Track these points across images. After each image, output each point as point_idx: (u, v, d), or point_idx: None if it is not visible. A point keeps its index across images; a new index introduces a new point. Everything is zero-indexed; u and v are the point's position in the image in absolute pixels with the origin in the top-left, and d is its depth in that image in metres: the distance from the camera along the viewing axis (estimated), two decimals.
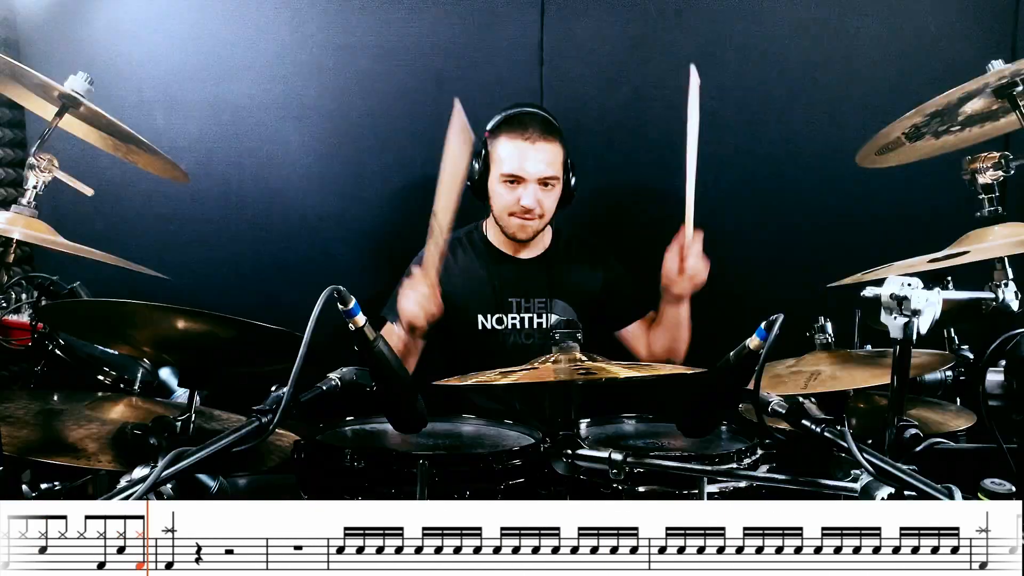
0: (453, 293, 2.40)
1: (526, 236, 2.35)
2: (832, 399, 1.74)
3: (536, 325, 2.40)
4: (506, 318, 2.40)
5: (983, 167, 1.75)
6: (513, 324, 2.40)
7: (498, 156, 2.30)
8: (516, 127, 2.28)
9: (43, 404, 1.73)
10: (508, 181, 2.29)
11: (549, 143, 2.28)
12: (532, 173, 2.26)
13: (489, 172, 2.32)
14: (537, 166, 2.26)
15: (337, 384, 1.49)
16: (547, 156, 2.27)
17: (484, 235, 2.48)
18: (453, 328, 2.42)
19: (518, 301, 2.41)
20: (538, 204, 2.28)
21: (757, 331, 1.33)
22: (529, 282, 2.42)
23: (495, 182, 2.32)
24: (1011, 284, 1.69)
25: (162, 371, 1.98)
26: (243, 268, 2.72)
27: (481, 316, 2.40)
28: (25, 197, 1.72)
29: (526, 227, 2.32)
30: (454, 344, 2.45)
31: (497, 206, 2.34)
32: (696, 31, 2.70)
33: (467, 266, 2.44)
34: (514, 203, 2.29)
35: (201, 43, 2.63)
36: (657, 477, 1.55)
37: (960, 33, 2.68)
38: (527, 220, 2.31)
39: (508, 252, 2.44)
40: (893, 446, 1.40)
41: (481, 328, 2.39)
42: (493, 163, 2.31)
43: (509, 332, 2.40)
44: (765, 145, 2.74)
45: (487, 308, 2.40)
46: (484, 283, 2.41)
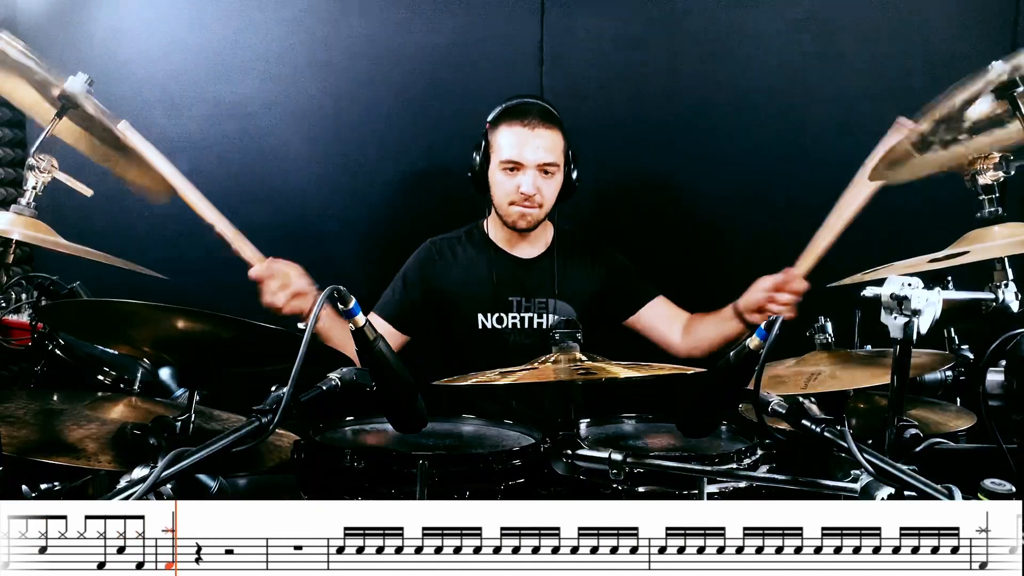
0: (453, 291, 2.40)
1: (527, 224, 2.34)
2: (832, 399, 1.74)
3: (536, 325, 2.39)
4: (506, 317, 2.39)
5: (983, 167, 1.74)
6: (513, 323, 2.40)
7: (498, 144, 2.30)
8: (516, 115, 2.29)
9: (43, 404, 1.72)
10: (508, 168, 2.29)
11: (549, 130, 2.28)
12: (531, 159, 2.26)
13: (489, 162, 2.33)
14: (536, 152, 2.26)
15: (337, 384, 1.48)
16: (547, 143, 2.27)
17: (484, 232, 2.47)
18: (453, 327, 2.42)
19: (518, 300, 2.40)
20: (538, 191, 2.28)
21: (757, 331, 1.33)
22: (530, 281, 2.42)
23: (495, 171, 2.32)
24: (1011, 284, 1.68)
25: (162, 371, 1.98)
26: (243, 268, 2.71)
27: (481, 315, 2.39)
28: (25, 197, 1.72)
29: (526, 215, 2.31)
30: (453, 343, 2.45)
31: (497, 195, 2.33)
32: (696, 31, 2.70)
33: (467, 264, 2.43)
34: (514, 191, 2.29)
35: (201, 43, 2.63)
36: (657, 477, 1.55)
37: (960, 33, 2.68)
38: (527, 208, 2.30)
39: (509, 250, 2.43)
40: (893, 446, 1.40)
41: (481, 327, 2.39)
42: (493, 152, 2.31)
43: (509, 331, 2.39)
44: (765, 144, 2.74)
45: (487, 307, 2.39)
46: (484, 281, 2.40)
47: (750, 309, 2.18)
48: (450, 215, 2.66)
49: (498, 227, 2.41)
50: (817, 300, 1.93)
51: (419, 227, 2.72)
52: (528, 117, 2.28)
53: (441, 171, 2.71)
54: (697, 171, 2.76)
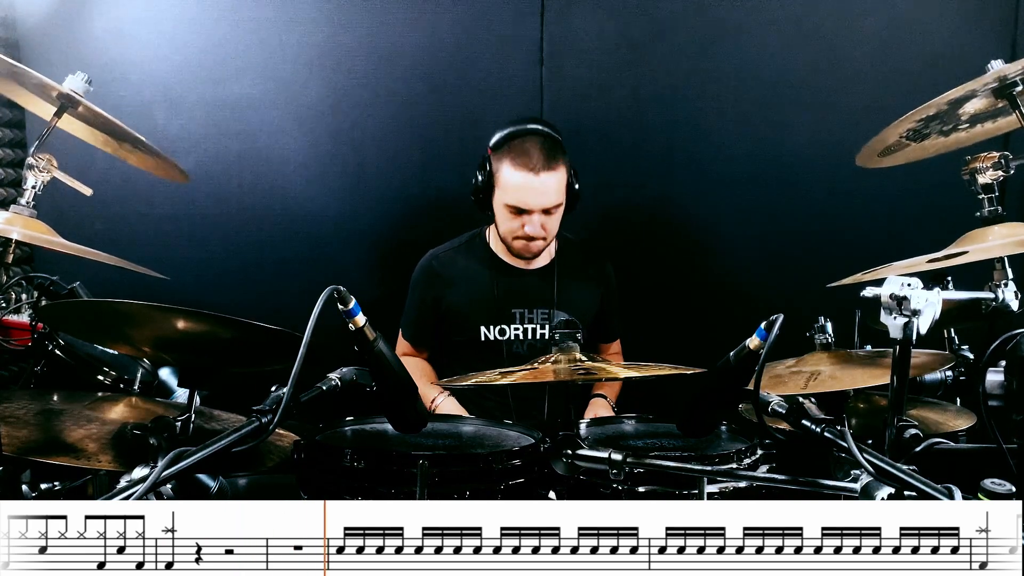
0: (457, 306, 2.39)
1: (531, 255, 2.35)
2: (832, 399, 1.74)
3: (538, 336, 2.39)
4: (508, 329, 2.38)
5: (983, 167, 1.74)
6: (516, 335, 2.39)
7: (503, 182, 2.26)
8: (520, 155, 2.22)
9: (43, 404, 1.72)
10: (512, 210, 2.27)
11: (554, 171, 2.23)
12: (537, 205, 2.24)
13: (492, 190, 2.29)
14: (541, 199, 2.23)
15: (337, 384, 1.49)
16: (552, 185, 2.24)
17: (487, 243, 2.45)
18: (454, 338, 2.41)
19: (521, 312, 2.39)
20: (542, 228, 2.27)
21: (757, 331, 1.33)
22: (532, 293, 2.41)
23: (499, 205, 2.29)
24: (1011, 284, 1.68)
25: (162, 371, 1.98)
26: (243, 268, 2.72)
27: (484, 327, 2.38)
28: (24, 197, 1.72)
29: (530, 247, 2.32)
30: (454, 352, 2.44)
31: (501, 227, 2.33)
32: (695, 31, 2.70)
33: (469, 276, 2.42)
34: (518, 228, 2.28)
35: (201, 43, 2.63)
36: (657, 477, 1.55)
37: (960, 33, 2.68)
38: (532, 243, 2.30)
39: (512, 263, 2.42)
40: (893, 446, 1.40)
41: (484, 339, 2.38)
42: (497, 187, 2.28)
43: (511, 342, 2.39)
44: (765, 145, 2.74)
45: (490, 319, 2.38)
46: (487, 294, 2.39)
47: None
48: (450, 215, 2.67)
49: (500, 240, 2.39)
50: (817, 300, 1.93)
51: (419, 227, 2.72)
52: (533, 159, 2.21)
53: (441, 171, 2.71)
54: (697, 170, 2.77)
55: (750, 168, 2.75)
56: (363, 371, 1.49)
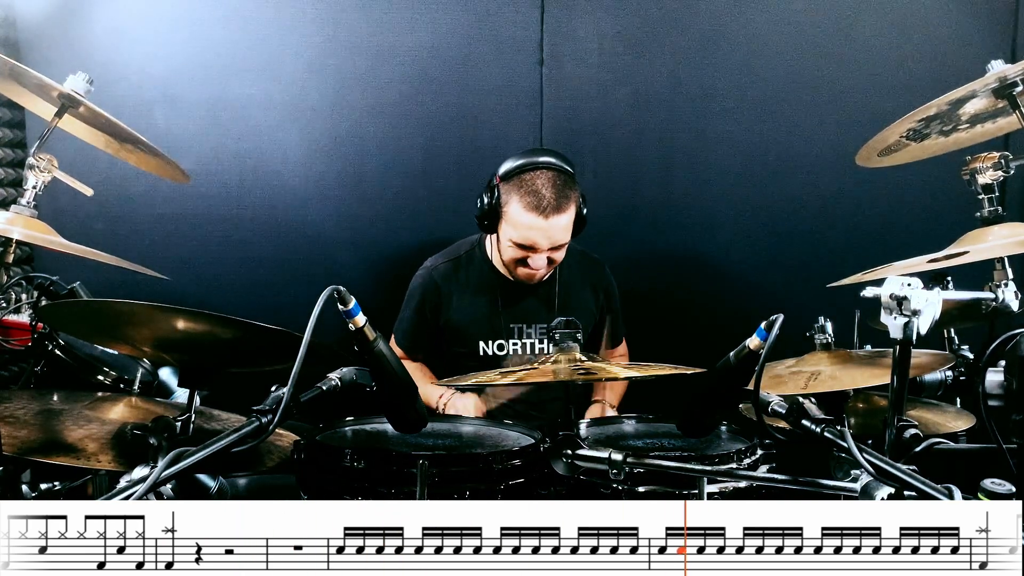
0: (455, 320, 2.37)
1: (535, 282, 2.32)
2: (832, 399, 1.74)
3: (538, 351, 2.37)
4: (507, 344, 2.37)
5: (983, 167, 1.74)
6: (514, 350, 2.37)
7: (511, 218, 2.20)
8: (529, 195, 2.15)
9: (43, 404, 1.72)
10: (519, 246, 2.22)
11: (564, 212, 2.17)
12: (544, 247, 2.20)
13: (499, 220, 2.24)
14: (549, 239, 2.19)
15: (337, 384, 1.49)
16: (561, 225, 2.19)
17: (486, 255, 2.41)
18: (453, 352, 2.40)
19: (519, 327, 2.38)
20: (547, 261, 2.24)
21: (757, 331, 1.33)
22: (533, 308, 2.39)
23: (505, 236, 2.24)
24: (1011, 284, 1.68)
25: (162, 371, 1.98)
26: (243, 268, 2.72)
27: (483, 342, 2.36)
28: (25, 197, 1.72)
29: (534, 276, 2.29)
30: (455, 362, 2.41)
31: (505, 255, 2.29)
32: (695, 32, 2.70)
33: (470, 292, 2.39)
34: (522, 260, 2.25)
35: (201, 43, 2.63)
36: (657, 477, 1.55)
37: (960, 33, 2.69)
38: (536, 272, 2.26)
39: (512, 278, 2.36)
40: (893, 446, 1.40)
41: (483, 355, 2.37)
42: (504, 220, 2.22)
43: (511, 356, 2.37)
44: (765, 145, 2.74)
45: (489, 334, 2.36)
46: (487, 309, 2.37)
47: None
48: (450, 215, 2.67)
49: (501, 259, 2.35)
50: (817, 300, 1.93)
51: (419, 227, 2.72)
52: (543, 202, 2.14)
53: (441, 171, 2.71)
54: (698, 170, 2.77)
55: (750, 168, 2.75)
56: (363, 371, 1.49)
